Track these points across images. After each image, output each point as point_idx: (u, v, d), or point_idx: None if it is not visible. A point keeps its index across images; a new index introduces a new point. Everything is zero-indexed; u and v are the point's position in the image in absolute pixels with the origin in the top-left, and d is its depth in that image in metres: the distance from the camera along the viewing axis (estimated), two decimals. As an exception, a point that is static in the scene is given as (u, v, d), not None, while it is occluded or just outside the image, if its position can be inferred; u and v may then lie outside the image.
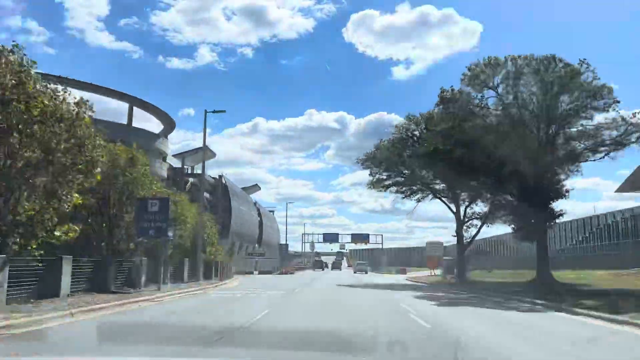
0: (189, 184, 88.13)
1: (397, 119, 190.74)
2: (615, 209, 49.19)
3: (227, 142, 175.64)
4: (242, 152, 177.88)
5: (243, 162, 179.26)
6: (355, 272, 66.68)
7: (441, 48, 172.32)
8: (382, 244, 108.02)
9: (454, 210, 34.95)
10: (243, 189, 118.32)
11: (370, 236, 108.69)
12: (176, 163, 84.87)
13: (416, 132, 32.43)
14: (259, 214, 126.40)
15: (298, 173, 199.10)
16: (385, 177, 34.06)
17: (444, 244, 58.42)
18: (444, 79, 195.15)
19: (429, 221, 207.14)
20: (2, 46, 13.29)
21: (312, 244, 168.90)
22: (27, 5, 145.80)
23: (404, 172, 33.34)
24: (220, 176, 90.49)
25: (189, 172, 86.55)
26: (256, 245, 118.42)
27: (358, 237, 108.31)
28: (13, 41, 13.65)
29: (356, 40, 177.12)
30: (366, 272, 67.40)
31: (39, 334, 9.67)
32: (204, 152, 33.09)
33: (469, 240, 34.96)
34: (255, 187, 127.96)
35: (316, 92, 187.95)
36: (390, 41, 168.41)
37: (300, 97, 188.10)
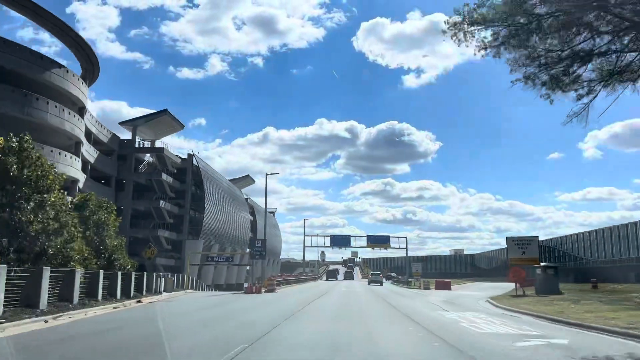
0: (144, 163, 64.46)
1: (407, 127, 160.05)
2: None
3: (237, 151, 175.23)
4: (253, 162, 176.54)
5: (254, 172, 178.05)
6: (369, 284, 59.29)
7: (452, 56, 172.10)
8: (406, 249, 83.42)
9: None
10: (231, 180, 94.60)
11: (391, 239, 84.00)
12: (125, 134, 61.48)
13: None
14: (253, 214, 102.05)
15: (309, 183, 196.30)
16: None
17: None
18: (455, 87, 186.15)
19: (442, 231, 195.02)
20: None
21: (322, 253, 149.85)
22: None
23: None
24: (191, 155, 66.56)
25: (144, 145, 62.65)
26: (247, 250, 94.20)
27: (376, 241, 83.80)
28: None
29: (366, 49, 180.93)
30: (381, 284, 60.19)
31: None
32: None
33: None
34: (247, 180, 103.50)
35: (326, 101, 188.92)
36: (400, 49, 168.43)
37: (310, 106, 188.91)
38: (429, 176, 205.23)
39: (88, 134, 50.52)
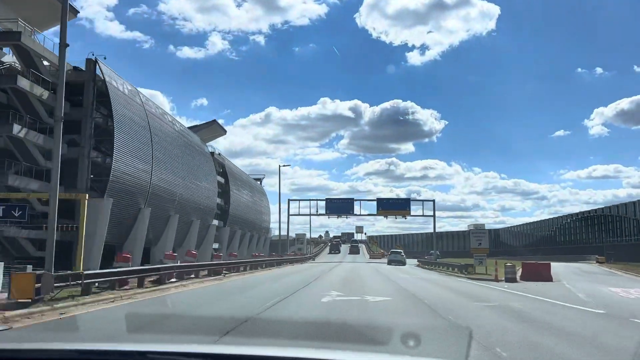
0: (1, 67, 38.47)
1: (412, 106, 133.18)
2: None
3: (240, 132, 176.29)
4: (256, 142, 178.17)
5: (257, 153, 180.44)
6: (389, 264, 49.20)
7: (457, 32, 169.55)
8: (434, 217, 58.01)
9: None
10: (191, 128, 68.80)
11: (411, 203, 58.43)
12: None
13: None
14: (224, 174, 75.78)
15: (312, 163, 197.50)
16: None
17: None
18: (460, 64, 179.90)
19: (448, 211, 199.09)
20: None
21: (327, 233, 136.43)
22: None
23: None
24: (92, 60, 40.26)
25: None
26: (215, 221, 68.33)
27: (390, 206, 58.11)
28: None
29: (369, 26, 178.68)
30: (404, 264, 50.05)
31: None
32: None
33: None
34: (214, 128, 75.84)
35: (329, 80, 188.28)
36: (404, 25, 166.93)
37: (313, 85, 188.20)
38: (434, 155, 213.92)
39: None
